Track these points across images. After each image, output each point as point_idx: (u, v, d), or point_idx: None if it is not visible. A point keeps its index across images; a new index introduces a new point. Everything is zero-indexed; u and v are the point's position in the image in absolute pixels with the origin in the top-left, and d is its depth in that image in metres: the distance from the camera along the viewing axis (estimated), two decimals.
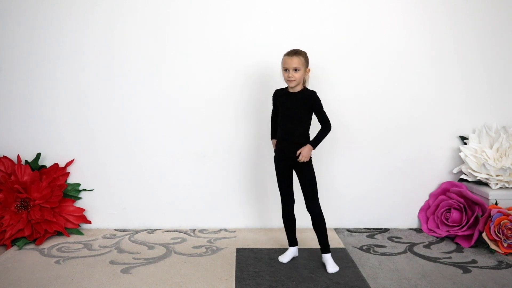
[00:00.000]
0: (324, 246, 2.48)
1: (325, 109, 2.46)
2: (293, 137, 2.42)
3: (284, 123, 2.44)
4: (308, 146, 2.38)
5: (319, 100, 2.41)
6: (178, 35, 3.03)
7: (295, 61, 2.34)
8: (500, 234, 2.69)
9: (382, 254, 2.72)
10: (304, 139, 2.42)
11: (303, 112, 2.40)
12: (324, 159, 3.11)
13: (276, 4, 3.03)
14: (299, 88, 2.44)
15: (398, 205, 3.20)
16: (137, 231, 3.10)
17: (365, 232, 3.11)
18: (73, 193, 3.08)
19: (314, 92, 2.43)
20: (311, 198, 2.44)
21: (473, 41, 3.11)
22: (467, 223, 2.89)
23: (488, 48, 3.11)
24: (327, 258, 2.47)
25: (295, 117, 2.40)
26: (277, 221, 3.14)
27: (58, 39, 3.01)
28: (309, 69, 2.44)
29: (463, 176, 3.10)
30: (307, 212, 2.46)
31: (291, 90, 2.44)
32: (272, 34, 3.05)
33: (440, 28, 3.08)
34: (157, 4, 3.01)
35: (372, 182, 3.17)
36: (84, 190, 3.11)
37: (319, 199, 2.48)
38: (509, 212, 2.73)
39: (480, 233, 2.79)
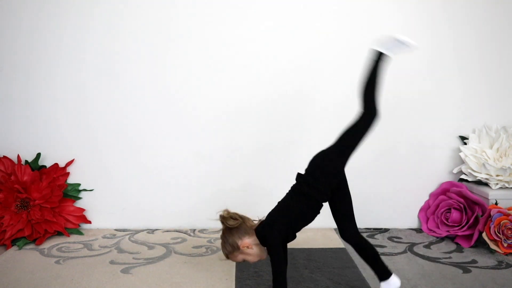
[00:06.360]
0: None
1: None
2: None
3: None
4: None
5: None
6: (180, 35, 3.03)
7: (232, 260, 2.10)
8: (500, 234, 2.69)
9: (382, 254, 2.71)
10: None
11: None
12: None
13: (278, 5, 3.03)
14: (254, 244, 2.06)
15: (398, 205, 3.20)
16: (137, 231, 3.10)
17: (365, 232, 3.11)
18: (73, 193, 3.08)
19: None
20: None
21: (473, 41, 3.11)
22: (467, 223, 2.89)
23: (488, 48, 3.11)
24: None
25: None
26: None
27: (59, 39, 3.01)
28: (245, 243, 2.04)
29: (463, 176, 3.10)
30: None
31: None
32: (273, 34, 3.05)
33: (440, 28, 3.08)
34: (160, 2, 3.01)
35: (372, 182, 3.16)
36: (84, 190, 3.11)
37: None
38: (509, 212, 2.73)
39: (480, 233, 2.79)
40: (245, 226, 2.08)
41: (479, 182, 3.07)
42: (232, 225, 2.05)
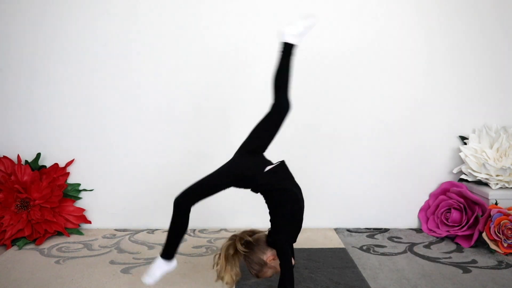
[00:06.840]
0: None
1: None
2: None
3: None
4: None
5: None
6: (178, 35, 3.03)
7: (263, 277, 2.03)
8: (500, 234, 2.69)
9: (382, 254, 2.72)
10: None
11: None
12: (324, 159, 3.11)
13: (278, 5, 3.03)
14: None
15: (398, 205, 3.20)
16: (137, 231, 3.10)
17: (365, 232, 3.11)
18: (73, 193, 3.08)
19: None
20: None
21: (473, 41, 3.10)
22: (467, 223, 2.89)
23: (488, 48, 3.11)
24: None
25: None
26: None
27: (58, 39, 3.01)
28: (269, 256, 1.99)
29: (463, 176, 3.10)
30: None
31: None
32: (272, 34, 3.05)
33: (439, 28, 3.08)
34: (157, 4, 3.01)
35: (372, 182, 3.16)
36: (84, 190, 3.11)
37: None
38: (509, 212, 2.73)
39: (480, 233, 2.79)
40: (263, 238, 2.02)
41: (479, 182, 3.07)
42: (245, 250, 1.96)
